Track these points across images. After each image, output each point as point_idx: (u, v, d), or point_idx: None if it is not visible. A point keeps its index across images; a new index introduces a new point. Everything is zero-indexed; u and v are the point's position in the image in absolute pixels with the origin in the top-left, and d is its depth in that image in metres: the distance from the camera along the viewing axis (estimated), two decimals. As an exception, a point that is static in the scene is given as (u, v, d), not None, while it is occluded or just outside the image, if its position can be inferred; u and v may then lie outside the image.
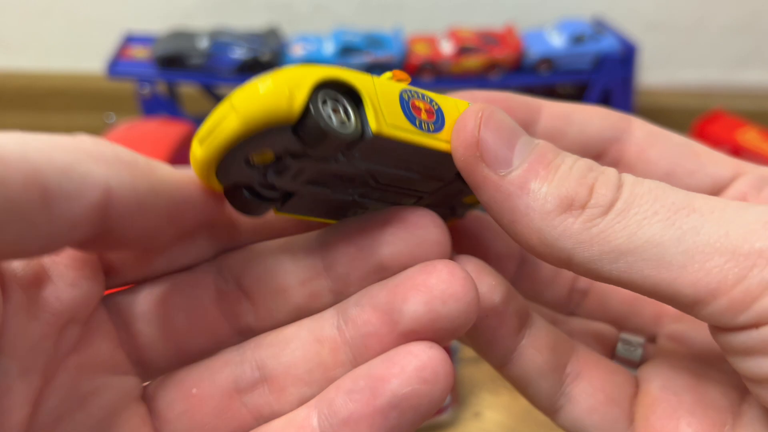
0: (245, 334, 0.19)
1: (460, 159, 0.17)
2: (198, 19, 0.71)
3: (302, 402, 0.18)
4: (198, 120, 0.62)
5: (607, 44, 0.63)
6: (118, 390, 0.18)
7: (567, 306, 0.24)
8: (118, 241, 0.16)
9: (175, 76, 0.62)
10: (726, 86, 0.75)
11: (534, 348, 0.20)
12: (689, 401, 0.19)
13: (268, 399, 0.19)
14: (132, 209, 0.15)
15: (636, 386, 0.20)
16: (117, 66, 0.62)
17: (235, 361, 0.19)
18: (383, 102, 0.15)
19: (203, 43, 0.61)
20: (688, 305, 0.16)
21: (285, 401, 0.18)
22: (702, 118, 0.64)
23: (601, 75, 0.63)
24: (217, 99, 0.67)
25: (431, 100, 0.17)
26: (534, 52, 0.62)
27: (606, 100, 0.64)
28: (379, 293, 0.18)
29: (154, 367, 0.19)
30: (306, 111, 0.14)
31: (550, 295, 0.23)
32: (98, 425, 0.18)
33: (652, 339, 0.22)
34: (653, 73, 0.74)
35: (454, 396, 0.45)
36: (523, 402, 0.48)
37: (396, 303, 0.17)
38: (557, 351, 0.20)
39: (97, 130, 0.60)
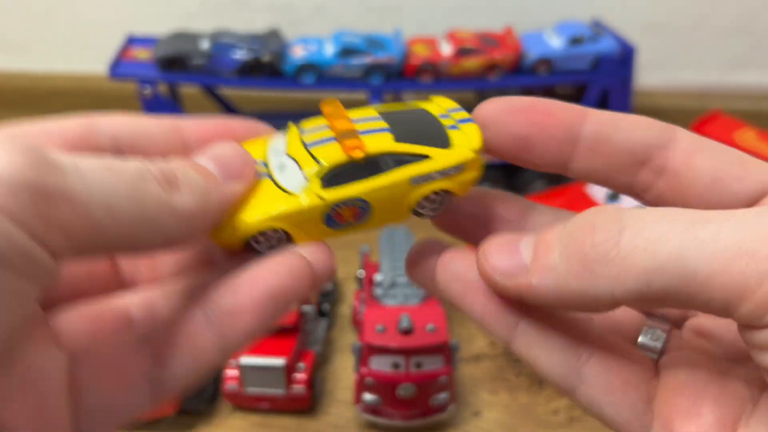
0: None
1: (497, 290, 0.20)
2: (199, 21, 0.71)
3: None
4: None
5: (606, 45, 0.63)
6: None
7: None
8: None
9: (176, 78, 0.63)
10: (724, 87, 0.76)
11: (537, 326, 0.21)
12: (714, 390, 0.19)
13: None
14: None
15: (654, 371, 0.21)
16: (119, 67, 0.62)
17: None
18: (309, 226, 0.20)
19: (204, 45, 0.62)
20: (721, 310, 0.16)
21: None
22: (700, 119, 0.65)
23: (599, 76, 0.63)
24: (219, 100, 0.68)
25: (361, 202, 0.20)
26: (533, 53, 0.63)
27: (604, 100, 0.64)
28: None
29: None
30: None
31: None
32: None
33: (677, 325, 0.23)
34: (651, 74, 0.74)
35: (454, 395, 0.45)
36: (522, 401, 0.48)
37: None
38: (565, 331, 0.21)
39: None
